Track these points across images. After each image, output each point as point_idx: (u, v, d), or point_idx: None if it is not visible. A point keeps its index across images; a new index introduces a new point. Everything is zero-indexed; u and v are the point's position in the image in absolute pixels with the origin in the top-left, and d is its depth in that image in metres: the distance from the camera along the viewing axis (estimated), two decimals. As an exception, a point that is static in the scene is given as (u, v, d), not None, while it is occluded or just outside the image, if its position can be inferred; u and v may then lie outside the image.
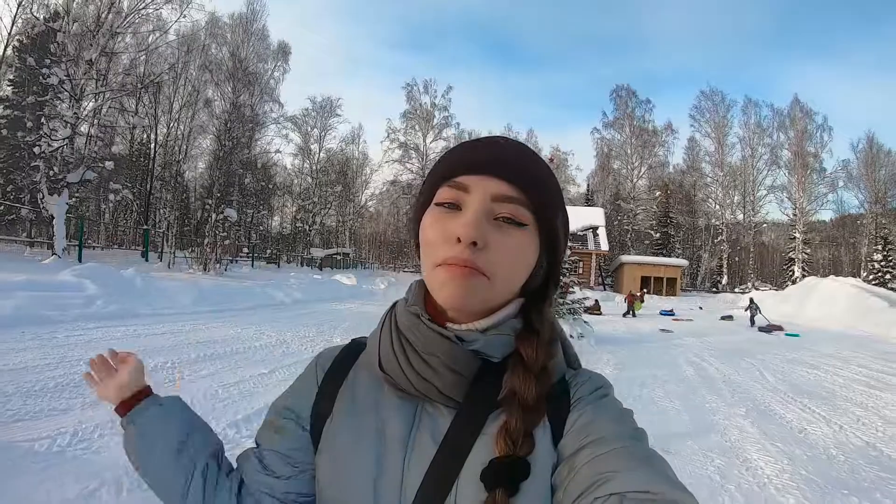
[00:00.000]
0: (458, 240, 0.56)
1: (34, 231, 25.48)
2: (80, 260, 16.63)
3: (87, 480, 2.87)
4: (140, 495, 2.78)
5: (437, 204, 0.60)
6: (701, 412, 5.70)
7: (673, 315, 21.44)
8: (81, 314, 8.23)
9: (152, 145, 30.58)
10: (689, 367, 8.68)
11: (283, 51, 34.91)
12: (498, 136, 0.63)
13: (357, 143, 53.03)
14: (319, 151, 47.30)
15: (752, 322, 19.29)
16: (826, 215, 53.56)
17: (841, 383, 7.94)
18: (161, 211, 28.83)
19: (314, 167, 46.56)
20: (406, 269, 49.59)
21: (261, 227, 40.62)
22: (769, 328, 17.49)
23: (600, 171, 56.15)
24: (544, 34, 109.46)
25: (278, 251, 38.05)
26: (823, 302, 22.92)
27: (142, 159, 30.76)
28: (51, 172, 15.93)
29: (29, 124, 17.29)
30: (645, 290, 32.99)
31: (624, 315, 20.65)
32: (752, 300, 20.78)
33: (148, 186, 29.64)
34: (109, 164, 16.05)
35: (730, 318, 20.96)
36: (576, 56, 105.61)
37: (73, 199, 17.71)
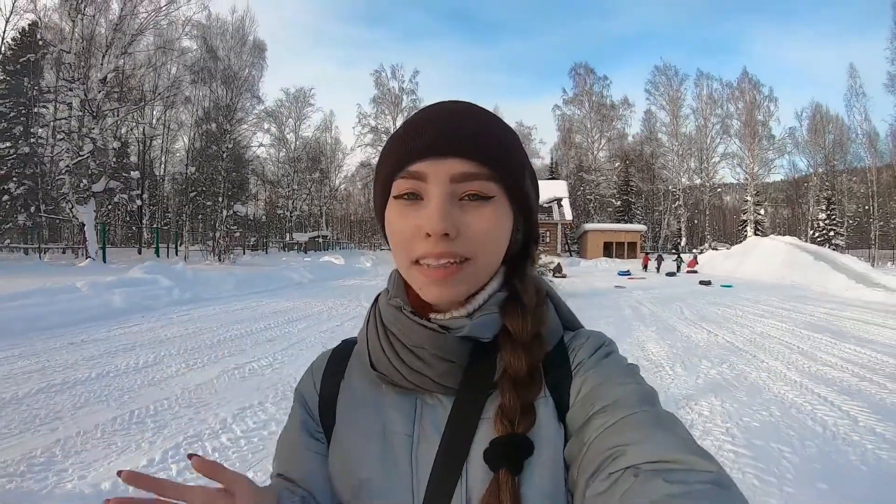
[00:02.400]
0: (428, 234, 0.54)
1: (29, 238, 27.12)
2: (104, 261, 18.81)
3: (301, 370, 5.49)
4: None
5: (396, 197, 0.58)
6: (625, 330, 8.56)
7: (629, 274, 24.47)
8: (170, 301, 10.69)
9: (140, 147, 32.32)
10: (628, 309, 11.58)
11: (260, 48, 36.69)
12: (439, 105, 0.60)
13: (330, 130, 55.26)
14: (296, 140, 49.38)
15: (678, 269, 25.79)
16: (781, 177, 57.02)
17: (740, 314, 10.88)
18: (156, 209, 30.63)
19: (291, 155, 48.55)
20: (383, 248, 52.37)
21: (250, 217, 42.61)
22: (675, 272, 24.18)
23: (563, 144, 59.31)
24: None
25: (265, 238, 40.34)
26: (762, 258, 26.07)
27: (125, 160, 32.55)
28: (82, 184, 17.86)
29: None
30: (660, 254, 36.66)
31: (669, 274, 25.59)
32: (678, 255, 26.51)
33: (140, 188, 31.48)
34: (135, 174, 18.19)
35: (673, 274, 24.30)
36: (537, 22, 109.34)
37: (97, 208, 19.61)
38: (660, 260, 26.10)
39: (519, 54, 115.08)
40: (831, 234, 43.79)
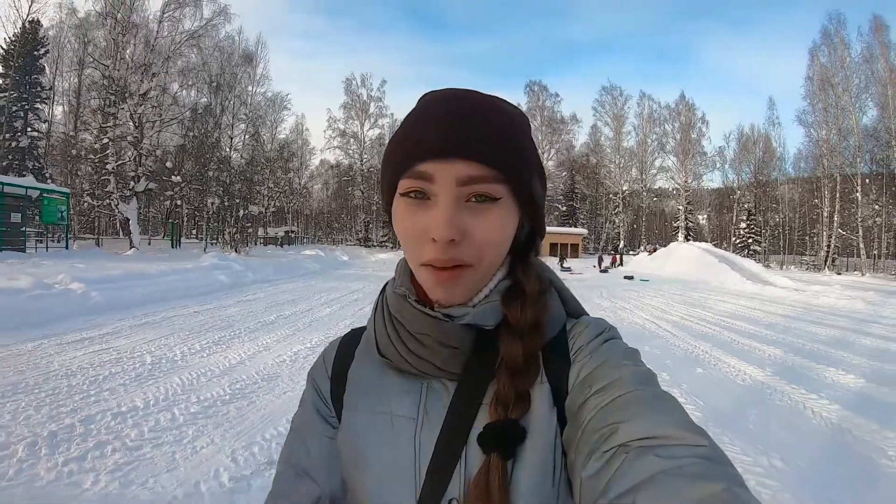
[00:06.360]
0: (434, 239, 0.55)
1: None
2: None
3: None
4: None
5: (402, 194, 0.58)
6: (565, 301, 13.52)
7: (570, 270, 29.66)
8: (252, 280, 15.01)
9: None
10: (567, 291, 16.60)
11: (248, 59, 40.48)
12: (444, 97, 0.59)
13: (301, 133, 59.57)
14: (272, 141, 53.27)
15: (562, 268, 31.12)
16: (717, 186, 63.42)
17: (641, 295, 16.08)
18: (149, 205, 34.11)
19: (267, 156, 52.39)
20: (349, 243, 57.40)
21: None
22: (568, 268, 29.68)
23: (515, 154, 65.08)
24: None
25: (248, 231, 44.20)
26: (680, 260, 31.83)
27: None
28: (130, 185, 21.77)
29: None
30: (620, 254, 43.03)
31: (603, 270, 30.75)
32: (563, 258, 33.33)
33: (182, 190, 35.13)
34: (177, 178, 22.13)
35: (605, 270, 29.92)
36: (496, 24, 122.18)
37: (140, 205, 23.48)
38: (615, 258, 31.76)
39: (479, 55, 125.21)
40: (750, 241, 50.43)
